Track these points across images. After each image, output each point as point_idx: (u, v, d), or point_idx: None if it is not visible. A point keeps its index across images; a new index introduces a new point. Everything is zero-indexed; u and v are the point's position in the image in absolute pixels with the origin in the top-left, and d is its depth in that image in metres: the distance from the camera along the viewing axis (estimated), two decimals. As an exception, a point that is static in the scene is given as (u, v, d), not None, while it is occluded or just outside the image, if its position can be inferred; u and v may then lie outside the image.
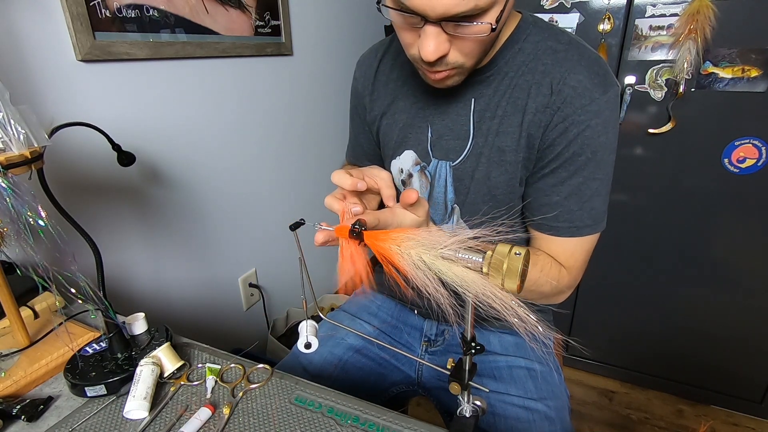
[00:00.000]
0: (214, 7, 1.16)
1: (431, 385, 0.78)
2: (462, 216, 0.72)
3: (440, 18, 0.48)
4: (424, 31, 0.50)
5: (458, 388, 0.45)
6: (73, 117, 0.80)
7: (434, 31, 0.50)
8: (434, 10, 0.46)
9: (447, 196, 0.71)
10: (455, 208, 0.72)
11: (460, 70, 0.57)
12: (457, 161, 0.68)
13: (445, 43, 0.51)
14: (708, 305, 1.41)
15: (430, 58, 0.51)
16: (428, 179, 0.73)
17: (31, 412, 0.52)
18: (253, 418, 0.52)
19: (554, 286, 0.66)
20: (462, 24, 0.48)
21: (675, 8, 1.18)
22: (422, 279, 0.39)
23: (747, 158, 1.22)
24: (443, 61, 0.54)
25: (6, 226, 0.50)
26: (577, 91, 0.58)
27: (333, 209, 0.52)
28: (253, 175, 1.43)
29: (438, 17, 0.47)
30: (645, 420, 1.51)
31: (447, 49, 0.52)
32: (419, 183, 0.74)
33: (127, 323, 0.63)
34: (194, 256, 1.26)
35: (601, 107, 0.58)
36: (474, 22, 0.48)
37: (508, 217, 0.65)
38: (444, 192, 0.71)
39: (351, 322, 0.86)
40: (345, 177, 0.50)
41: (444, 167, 0.70)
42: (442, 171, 0.70)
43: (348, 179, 0.50)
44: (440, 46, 0.51)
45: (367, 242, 0.44)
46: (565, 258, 0.67)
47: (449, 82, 0.59)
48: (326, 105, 1.72)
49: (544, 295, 0.68)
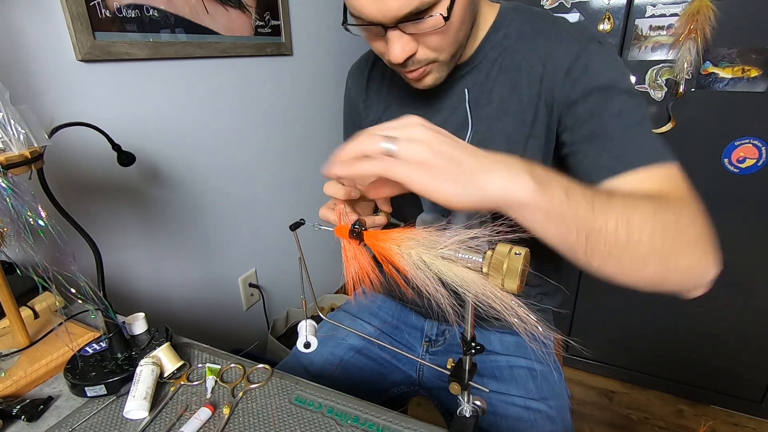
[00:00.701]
0: (214, 7, 1.16)
1: (432, 385, 0.78)
2: None
3: (395, 21, 0.51)
4: (387, 38, 0.54)
5: (458, 388, 0.45)
6: (73, 117, 0.80)
7: (395, 35, 0.53)
8: (386, 16, 0.50)
9: None
10: None
11: (437, 65, 0.59)
12: None
13: (410, 43, 0.54)
14: (708, 305, 1.41)
15: (399, 60, 0.54)
16: None
17: (31, 412, 0.52)
18: (253, 418, 0.52)
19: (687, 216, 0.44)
20: (416, 21, 0.51)
21: (675, 8, 1.18)
22: (422, 279, 0.39)
23: (747, 158, 1.22)
24: (414, 59, 0.56)
25: (6, 226, 0.50)
26: (568, 50, 0.58)
27: (329, 220, 0.54)
28: (253, 174, 1.43)
29: (393, 21, 0.51)
30: (645, 420, 1.51)
31: (413, 48, 0.55)
32: None
33: (127, 323, 0.63)
34: (194, 256, 1.26)
35: (596, 50, 0.58)
36: (425, 16, 0.51)
37: None
38: None
39: (351, 322, 0.86)
40: (338, 187, 0.52)
41: None
42: None
43: (341, 189, 0.51)
44: (405, 47, 0.54)
45: (366, 242, 0.44)
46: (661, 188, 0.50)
47: (428, 80, 0.61)
48: (326, 105, 1.72)
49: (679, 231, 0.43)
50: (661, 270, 0.42)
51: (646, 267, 0.41)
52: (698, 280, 0.44)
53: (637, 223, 0.40)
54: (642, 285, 0.43)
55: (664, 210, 0.42)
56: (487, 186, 0.38)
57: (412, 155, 0.38)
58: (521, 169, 0.38)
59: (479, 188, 0.37)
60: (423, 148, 0.38)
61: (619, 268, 0.42)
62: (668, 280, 0.43)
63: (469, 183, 0.37)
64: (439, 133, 0.40)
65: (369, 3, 0.49)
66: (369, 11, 0.50)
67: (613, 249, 0.40)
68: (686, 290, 0.46)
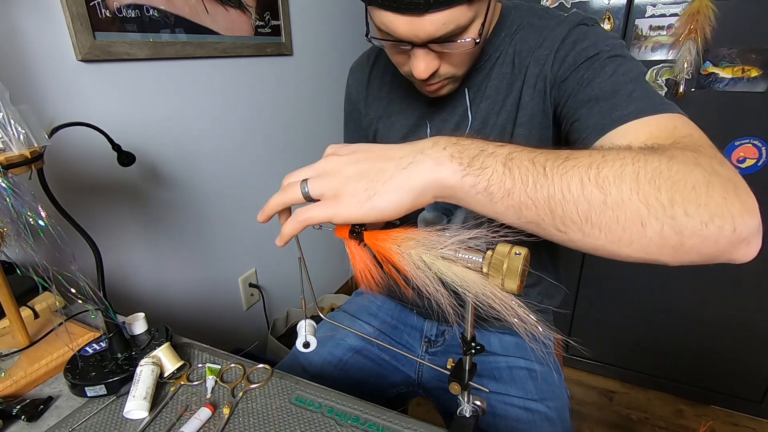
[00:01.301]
0: (214, 7, 1.16)
1: (431, 386, 0.78)
2: None
3: (426, 42, 0.51)
4: (413, 53, 0.54)
5: (458, 388, 0.45)
6: (73, 117, 0.80)
7: (422, 53, 0.53)
8: (419, 37, 0.50)
9: None
10: None
11: (454, 79, 0.61)
12: None
13: (435, 61, 0.55)
14: (708, 305, 1.40)
15: (423, 77, 0.55)
16: None
17: (31, 412, 0.52)
18: (253, 418, 0.52)
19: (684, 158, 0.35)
20: (447, 43, 0.52)
21: (675, 8, 1.18)
22: (422, 279, 0.39)
23: (747, 158, 1.22)
24: (436, 74, 0.57)
25: (6, 226, 0.50)
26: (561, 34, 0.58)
27: None
28: (253, 174, 1.43)
29: (424, 42, 0.51)
30: (645, 420, 1.51)
31: (437, 66, 0.55)
32: None
33: (127, 323, 0.63)
34: (194, 256, 1.26)
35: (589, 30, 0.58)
36: (457, 40, 0.51)
37: None
38: None
39: (351, 322, 0.86)
40: None
41: None
42: None
43: None
44: (430, 65, 0.54)
45: (367, 242, 0.44)
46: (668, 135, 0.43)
47: (444, 91, 0.63)
48: (326, 105, 1.72)
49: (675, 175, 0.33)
50: (668, 230, 0.32)
51: (646, 229, 0.32)
52: (730, 235, 0.32)
53: (611, 176, 0.33)
54: (657, 255, 0.34)
55: (649, 155, 0.34)
56: (412, 184, 0.37)
57: (326, 190, 0.39)
58: (444, 154, 0.37)
59: (407, 189, 0.37)
60: (332, 180, 0.39)
61: (613, 237, 0.33)
62: (686, 241, 0.32)
63: (396, 188, 0.37)
64: (352, 152, 0.41)
65: (403, 23, 0.49)
66: (401, 31, 0.50)
67: (591, 214, 0.33)
68: (722, 252, 0.33)
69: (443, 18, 0.48)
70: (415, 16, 0.48)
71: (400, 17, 0.48)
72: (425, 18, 0.47)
